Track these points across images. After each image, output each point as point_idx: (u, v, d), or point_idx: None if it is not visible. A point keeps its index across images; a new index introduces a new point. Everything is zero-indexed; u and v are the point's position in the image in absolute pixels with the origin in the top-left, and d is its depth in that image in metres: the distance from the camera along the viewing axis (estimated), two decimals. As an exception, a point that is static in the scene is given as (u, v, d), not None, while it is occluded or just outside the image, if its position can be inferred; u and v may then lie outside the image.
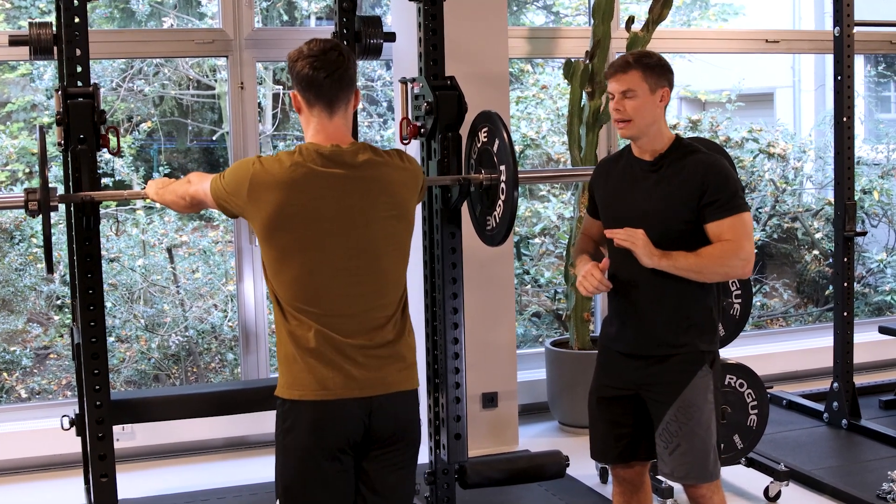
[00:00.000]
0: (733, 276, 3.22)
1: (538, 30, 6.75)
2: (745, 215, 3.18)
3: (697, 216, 3.18)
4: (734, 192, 3.17)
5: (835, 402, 5.49)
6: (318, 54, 2.73)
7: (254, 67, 5.40)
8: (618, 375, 3.35)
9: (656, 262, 3.13)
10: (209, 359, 6.62)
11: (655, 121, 3.24)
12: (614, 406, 3.36)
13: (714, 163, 3.21)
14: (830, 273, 7.85)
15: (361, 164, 2.76)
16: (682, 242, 3.18)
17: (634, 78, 3.20)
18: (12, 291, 6.27)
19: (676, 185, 3.20)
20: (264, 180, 2.71)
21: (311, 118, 2.78)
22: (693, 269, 3.15)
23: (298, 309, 2.73)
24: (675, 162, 3.23)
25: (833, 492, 4.55)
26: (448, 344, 3.87)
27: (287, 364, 2.76)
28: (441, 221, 3.87)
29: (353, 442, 2.75)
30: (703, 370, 3.24)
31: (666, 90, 3.24)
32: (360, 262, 2.75)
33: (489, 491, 4.23)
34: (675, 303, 3.22)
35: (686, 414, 3.22)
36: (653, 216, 3.20)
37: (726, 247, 3.14)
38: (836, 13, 5.34)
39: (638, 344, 3.28)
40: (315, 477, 2.73)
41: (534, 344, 6.96)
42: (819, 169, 8.13)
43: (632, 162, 3.33)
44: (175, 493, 4.82)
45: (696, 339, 3.24)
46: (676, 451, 3.24)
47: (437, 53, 3.85)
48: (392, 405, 2.78)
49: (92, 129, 3.40)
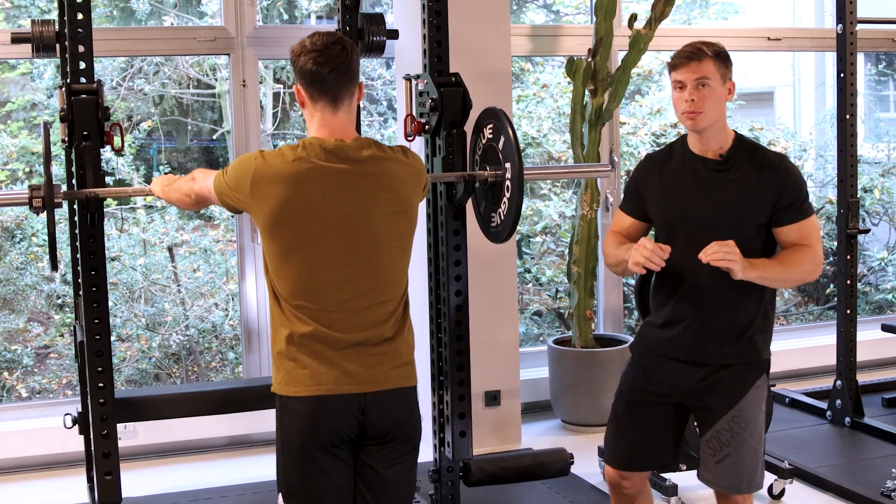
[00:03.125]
0: (808, 280, 3.15)
1: (540, 27, 6.74)
2: (815, 218, 3.14)
3: (769, 219, 3.10)
4: (807, 195, 3.12)
5: (838, 400, 5.49)
6: (321, 49, 2.72)
7: (255, 65, 5.39)
8: (662, 381, 3.23)
9: (747, 275, 2.99)
10: (210, 358, 6.61)
11: (722, 115, 3.13)
12: (647, 412, 3.26)
13: (788, 164, 3.13)
14: (832, 271, 7.84)
15: (365, 160, 2.76)
16: (753, 247, 3.07)
17: (709, 66, 3.08)
18: (13, 290, 6.25)
19: (752, 187, 3.09)
20: (267, 175, 2.71)
21: (314, 113, 2.78)
22: (779, 278, 3.08)
23: (298, 306, 2.74)
24: (746, 162, 3.11)
25: (837, 489, 4.54)
26: (452, 341, 3.86)
27: (282, 360, 2.78)
28: (446, 218, 3.85)
29: (348, 437, 2.76)
30: (762, 380, 3.17)
31: (732, 83, 3.15)
32: (361, 258, 2.76)
33: (493, 488, 4.22)
34: (739, 309, 3.13)
35: (740, 424, 3.13)
36: (726, 219, 3.09)
37: (806, 252, 3.08)
38: (839, 10, 5.32)
39: (698, 350, 3.16)
40: (313, 471, 2.75)
41: (535, 342, 6.96)
42: (820, 167, 8.12)
43: (692, 159, 3.18)
44: (177, 491, 4.81)
45: (759, 346, 3.16)
46: (725, 460, 3.16)
47: (442, 50, 3.84)
48: (387, 402, 2.79)
49: (96, 125, 3.39)
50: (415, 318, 2.95)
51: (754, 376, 3.15)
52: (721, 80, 3.10)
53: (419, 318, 4.85)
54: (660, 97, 7.93)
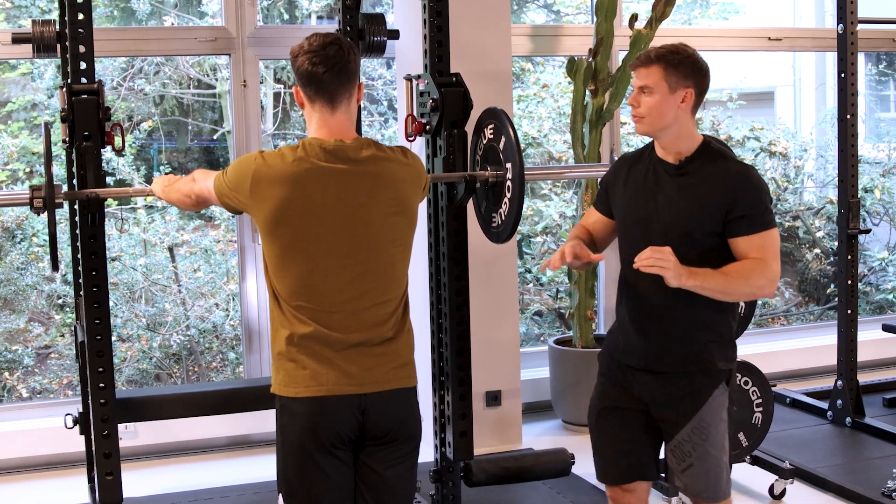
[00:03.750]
0: (759, 296, 3.09)
1: (541, 28, 6.74)
2: (775, 232, 3.01)
3: (723, 229, 3.00)
4: (765, 207, 3.00)
5: (839, 400, 5.49)
6: (317, 49, 2.74)
7: (256, 65, 5.39)
8: (625, 390, 3.18)
9: (683, 283, 2.91)
10: (210, 358, 6.60)
11: (676, 122, 3.03)
12: (617, 420, 3.20)
13: (747, 173, 3.02)
14: (832, 271, 7.84)
15: (364, 160, 2.77)
16: (705, 255, 2.99)
17: (655, 74, 3.01)
18: (14, 290, 6.25)
19: (704, 194, 3.01)
20: (267, 175, 2.71)
21: (313, 113, 2.79)
22: (720, 290, 2.96)
23: (298, 307, 2.74)
24: (702, 167, 3.03)
25: (838, 489, 4.54)
26: (453, 341, 3.86)
27: (282, 361, 2.78)
28: (446, 218, 3.85)
29: (348, 437, 2.77)
30: (720, 389, 3.09)
31: (690, 91, 3.01)
32: (361, 258, 2.76)
33: (494, 489, 4.22)
34: (695, 316, 3.05)
35: (701, 434, 3.08)
36: (676, 225, 3.02)
37: (755, 266, 2.96)
38: (840, 10, 5.32)
39: (653, 358, 3.11)
40: (313, 471, 2.75)
41: (536, 343, 6.95)
42: (820, 167, 8.12)
43: (655, 162, 3.12)
44: (178, 491, 4.81)
45: (715, 355, 3.08)
46: (689, 470, 3.11)
47: (443, 50, 3.84)
48: (386, 402, 2.79)
49: (97, 125, 3.39)
50: (415, 318, 2.95)
51: (712, 386, 3.08)
52: (669, 89, 3.00)
53: (420, 319, 4.85)
54: (660, 97, 7.92)
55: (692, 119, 3.07)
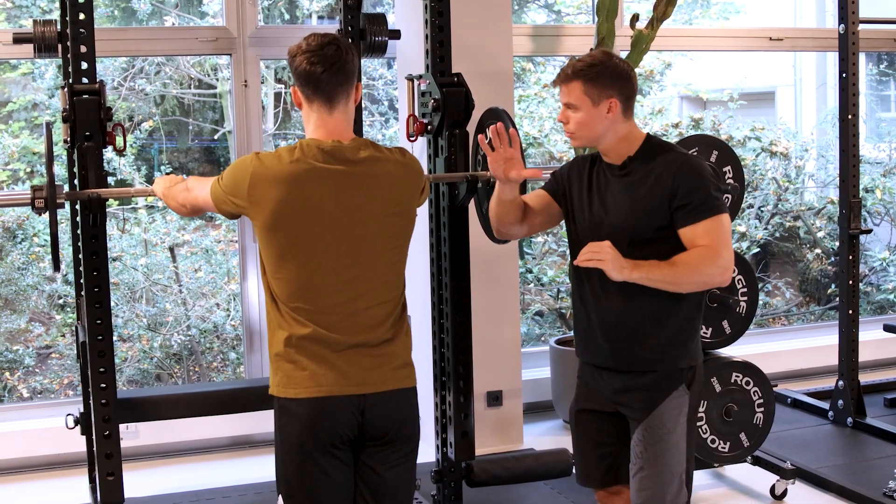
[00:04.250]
0: (711, 284, 2.95)
1: (542, 28, 6.74)
2: (722, 217, 2.94)
3: (671, 221, 2.95)
4: (708, 193, 2.93)
5: (840, 401, 5.49)
6: (315, 49, 2.74)
7: (257, 65, 5.39)
8: (596, 391, 3.15)
9: (627, 276, 2.87)
10: (211, 358, 6.60)
11: (608, 131, 3.01)
12: (595, 423, 3.17)
13: (685, 161, 2.98)
14: (833, 271, 7.84)
15: (362, 161, 2.76)
16: (656, 251, 2.94)
17: (575, 90, 2.98)
18: (14, 290, 6.25)
19: (645, 190, 2.97)
20: (264, 177, 2.71)
21: (311, 113, 2.80)
22: (667, 280, 2.90)
23: (296, 308, 2.74)
24: (643, 164, 3.00)
25: (839, 490, 4.54)
26: (455, 341, 3.86)
27: (280, 362, 2.78)
28: (448, 218, 3.85)
29: (348, 438, 2.76)
30: (679, 391, 3.02)
31: (614, 101, 2.98)
32: (360, 259, 2.76)
33: (495, 489, 4.22)
34: (650, 314, 2.99)
35: (653, 436, 3.00)
36: (622, 224, 2.99)
37: (703, 253, 2.89)
38: (841, 10, 5.32)
39: (611, 357, 3.05)
40: (312, 471, 2.75)
41: (536, 342, 6.95)
42: (821, 167, 8.12)
43: (602, 167, 3.10)
44: (179, 492, 4.81)
45: (674, 354, 3.02)
46: (639, 474, 3.02)
47: (444, 50, 3.84)
48: (386, 403, 2.79)
49: (98, 125, 3.39)
50: (417, 318, 2.97)
51: (670, 387, 3.01)
52: (592, 102, 2.98)
53: (421, 319, 4.85)
54: (661, 97, 7.93)
55: (626, 122, 3.04)
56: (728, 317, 4.31)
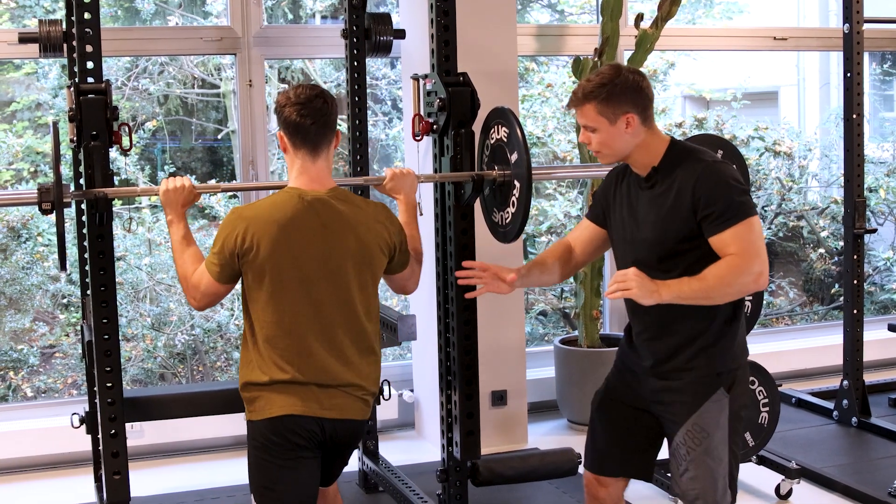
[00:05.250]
0: (747, 292, 2.91)
1: (546, 27, 6.74)
2: (752, 221, 2.88)
3: (700, 230, 2.92)
4: (731, 199, 2.88)
5: (844, 400, 5.48)
6: (304, 102, 3.03)
7: (262, 65, 5.39)
8: (630, 388, 3.18)
9: (657, 299, 2.86)
10: (215, 357, 6.60)
11: (630, 145, 3.00)
12: (617, 413, 3.20)
13: (704, 169, 2.93)
14: (836, 271, 7.84)
15: (338, 211, 3.08)
16: (690, 261, 2.93)
17: (590, 113, 2.98)
18: (19, 290, 6.24)
19: (669, 204, 2.95)
20: (252, 224, 3.02)
21: (295, 160, 3.10)
22: (699, 297, 2.87)
23: (274, 348, 3.07)
24: (667, 175, 2.98)
25: (844, 489, 4.54)
26: (460, 341, 3.86)
27: (256, 391, 3.14)
28: (454, 218, 3.84)
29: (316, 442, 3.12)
30: (718, 394, 3.01)
31: (631, 115, 2.96)
32: (337, 305, 3.08)
33: (500, 488, 4.22)
34: (682, 328, 3.00)
35: (695, 439, 3.01)
36: (651, 239, 2.99)
37: (732, 263, 2.85)
38: (846, 10, 5.32)
39: (652, 366, 3.09)
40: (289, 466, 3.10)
41: (540, 342, 6.95)
42: (825, 167, 8.11)
43: (632, 177, 3.10)
44: (184, 491, 4.82)
45: (710, 361, 3.01)
46: (685, 475, 3.05)
47: (450, 49, 3.83)
48: (346, 427, 3.14)
49: (105, 125, 3.38)
50: (422, 318, 2.99)
51: (709, 391, 3.01)
52: (609, 121, 2.96)
53: (427, 319, 4.84)
54: (664, 97, 7.92)
55: (648, 131, 3.02)
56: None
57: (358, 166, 4.68)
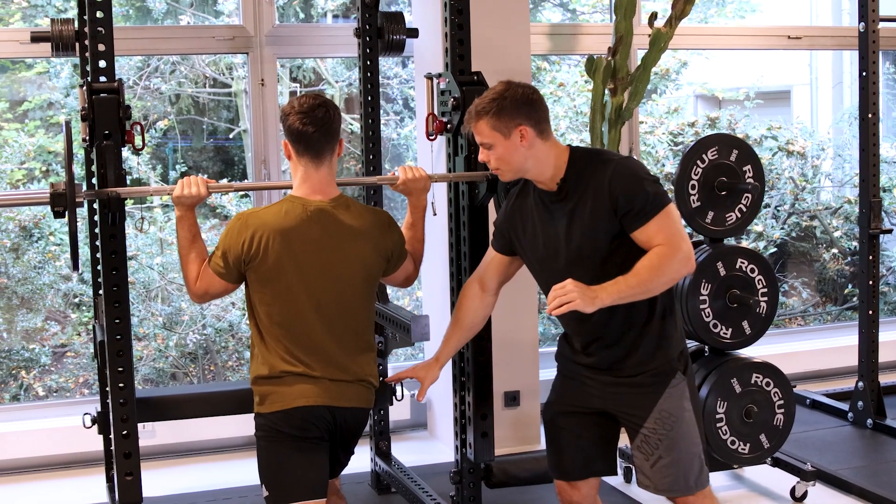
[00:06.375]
0: (680, 277, 2.97)
1: (559, 26, 6.71)
2: (669, 208, 2.95)
3: (622, 228, 2.97)
4: (646, 192, 2.94)
5: (860, 402, 5.45)
6: (308, 111, 3.14)
7: (274, 64, 5.38)
8: (581, 391, 3.18)
9: (599, 304, 2.88)
10: (226, 357, 6.59)
11: (530, 158, 3.03)
12: (572, 420, 3.21)
13: (614, 169, 2.97)
14: (850, 271, 7.79)
15: (339, 219, 3.19)
16: (620, 260, 2.96)
17: (484, 129, 3.02)
18: (31, 289, 6.24)
19: (588, 209, 2.98)
20: (258, 228, 3.14)
21: (298, 167, 3.21)
22: (638, 292, 2.91)
23: (280, 345, 3.18)
24: (577, 184, 3.01)
25: (860, 492, 4.50)
26: (474, 341, 3.83)
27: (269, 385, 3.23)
28: (468, 218, 3.82)
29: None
30: (676, 378, 3.07)
31: (524, 128, 2.99)
32: (339, 308, 3.20)
33: (513, 490, 4.19)
34: (625, 335, 3.05)
35: (665, 425, 3.04)
36: (580, 249, 3.01)
37: (661, 252, 2.91)
38: (861, 8, 5.29)
39: (604, 367, 3.11)
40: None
41: (552, 342, 6.92)
42: (838, 167, 8.07)
43: (538, 194, 3.11)
44: (197, 491, 4.81)
45: (664, 352, 3.07)
46: (658, 463, 3.07)
47: (464, 48, 3.81)
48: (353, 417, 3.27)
49: (117, 124, 3.37)
50: (435, 318, 2.97)
51: (667, 379, 3.06)
52: (503, 135, 3.00)
53: (439, 319, 4.82)
54: (676, 96, 7.90)
55: (546, 143, 3.05)
56: (748, 317, 4.28)
57: (371, 166, 4.66)
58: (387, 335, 4.40)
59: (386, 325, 4.28)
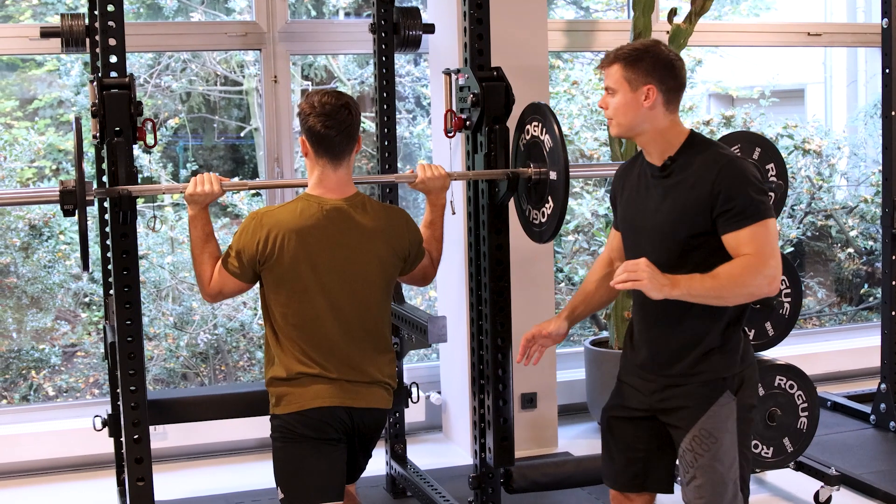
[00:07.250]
0: (758, 296, 2.77)
1: (576, 22, 6.63)
2: (769, 222, 2.78)
3: (713, 227, 2.82)
4: (750, 197, 2.77)
5: (882, 404, 5.36)
6: (329, 113, 3.07)
7: (287, 61, 5.31)
8: (633, 395, 3.06)
9: (667, 294, 2.73)
10: (238, 357, 6.53)
11: (647, 121, 2.90)
12: (627, 427, 3.08)
13: (726, 163, 2.82)
14: (866, 271, 7.71)
15: (356, 218, 3.15)
16: (699, 259, 2.83)
17: (615, 73, 2.90)
18: (41, 288, 6.18)
19: (685, 194, 2.85)
20: (273, 227, 3.09)
21: (315, 166, 3.16)
22: (710, 295, 2.76)
23: (296, 347, 3.13)
24: (685, 165, 2.87)
25: (885, 497, 4.42)
26: (494, 343, 3.75)
27: (285, 386, 3.17)
28: (487, 217, 3.74)
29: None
30: (725, 397, 2.90)
31: (652, 88, 2.86)
32: (356, 308, 3.16)
33: (533, 495, 4.12)
34: (688, 327, 2.90)
35: (703, 444, 2.90)
36: (663, 231, 2.89)
37: (747, 263, 2.74)
38: (885, 4, 5.21)
39: (657, 366, 2.98)
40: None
41: (568, 343, 6.83)
42: (854, 165, 7.98)
43: (645, 167, 2.99)
44: (208, 495, 4.75)
45: (715, 365, 2.91)
46: (692, 483, 2.94)
47: (483, 43, 3.72)
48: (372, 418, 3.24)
49: (128, 120, 3.29)
50: (452, 319, 2.89)
51: (715, 395, 2.90)
52: (630, 87, 2.88)
53: (457, 320, 4.75)
54: (691, 94, 7.81)
55: (668, 116, 2.92)
56: (771, 318, 4.19)
57: (386, 164, 4.59)
58: (402, 336, 4.31)
59: (402, 326, 4.19)
